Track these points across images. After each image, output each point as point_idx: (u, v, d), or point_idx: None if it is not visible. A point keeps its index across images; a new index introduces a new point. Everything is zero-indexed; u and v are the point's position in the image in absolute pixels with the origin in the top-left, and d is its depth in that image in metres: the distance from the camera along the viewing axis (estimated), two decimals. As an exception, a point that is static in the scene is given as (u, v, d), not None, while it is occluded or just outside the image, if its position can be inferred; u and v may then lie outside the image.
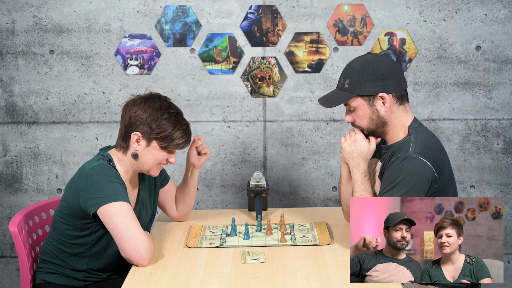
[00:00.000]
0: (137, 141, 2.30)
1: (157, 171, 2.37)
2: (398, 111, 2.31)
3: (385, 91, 2.27)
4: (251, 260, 2.20)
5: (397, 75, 2.29)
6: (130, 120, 2.30)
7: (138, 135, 2.29)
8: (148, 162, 2.33)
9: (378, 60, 2.28)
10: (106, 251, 2.35)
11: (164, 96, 2.36)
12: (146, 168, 2.35)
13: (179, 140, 2.32)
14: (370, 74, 2.27)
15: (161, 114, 2.29)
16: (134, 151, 2.31)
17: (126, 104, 2.34)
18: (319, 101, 2.39)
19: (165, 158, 2.34)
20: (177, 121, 2.31)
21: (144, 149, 2.31)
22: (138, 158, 2.32)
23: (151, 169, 2.36)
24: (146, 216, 2.48)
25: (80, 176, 2.25)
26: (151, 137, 2.29)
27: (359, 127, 2.36)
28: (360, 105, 2.30)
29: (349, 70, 2.32)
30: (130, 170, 2.36)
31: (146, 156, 2.32)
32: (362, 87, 2.27)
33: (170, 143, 2.31)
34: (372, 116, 2.31)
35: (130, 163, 2.35)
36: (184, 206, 2.65)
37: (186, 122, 2.35)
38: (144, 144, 2.30)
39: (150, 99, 2.32)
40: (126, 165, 2.35)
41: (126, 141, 2.33)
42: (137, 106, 2.30)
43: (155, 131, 2.28)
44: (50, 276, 2.38)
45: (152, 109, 2.29)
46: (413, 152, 2.22)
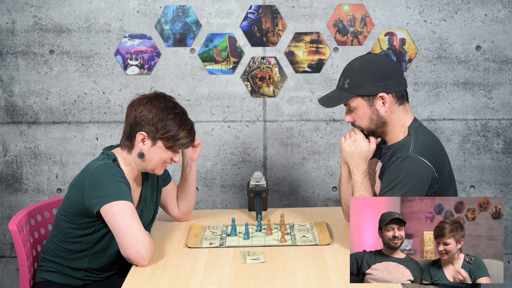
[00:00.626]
0: (142, 140, 2.31)
1: (161, 169, 2.39)
2: (398, 111, 2.31)
3: (385, 91, 2.27)
4: (251, 260, 2.20)
5: (397, 75, 2.29)
6: (135, 119, 2.30)
7: (144, 135, 2.30)
8: (153, 161, 2.34)
9: (378, 60, 2.28)
10: (107, 250, 2.36)
11: (169, 96, 2.37)
12: (151, 167, 2.36)
13: (184, 140, 2.33)
14: (370, 74, 2.27)
15: (167, 114, 2.29)
16: (140, 151, 2.32)
17: (131, 104, 2.35)
18: (319, 101, 2.39)
19: (169, 157, 2.36)
20: (182, 121, 2.32)
21: (149, 149, 2.32)
22: (144, 158, 2.33)
23: (156, 168, 2.37)
24: (148, 215, 2.49)
25: (85, 175, 2.26)
26: (156, 137, 2.30)
27: (359, 127, 2.36)
28: (360, 105, 2.30)
29: (349, 70, 2.32)
30: (135, 169, 2.37)
31: (151, 155, 2.33)
32: (362, 87, 2.27)
33: (175, 143, 2.32)
34: (372, 116, 2.31)
35: (135, 162, 2.36)
36: (186, 205, 2.65)
37: (190, 121, 2.36)
38: (149, 143, 2.31)
39: (156, 98, 2.33)
40: (131, 164, 2.36)
41: (131, 141, 2.34)
42: (143, 105, 2.31)
43: (161, 131, 2.29)
44: (50, 275, 2.38)
45: (157, 109, 2.30)
46: (413, 152, 2.22)
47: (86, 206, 2.24)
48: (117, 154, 2.36)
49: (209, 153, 3.39)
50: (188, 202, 2.65)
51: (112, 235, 2.30)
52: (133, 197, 2.39)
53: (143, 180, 2.49)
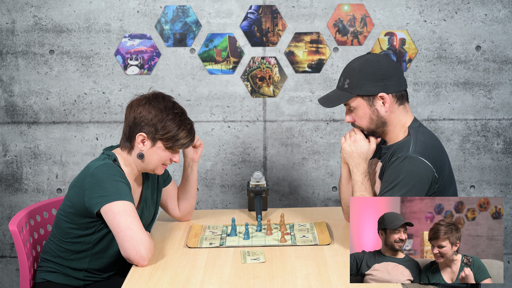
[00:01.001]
0: (142, 141, 2.31)
1: (162, 169, 2.39)
2: (398, 111, 2.32)
3: (385, 91, 2.27)
4: (251, 260, 2.20)
5: (397, 75, 2.29)
6: (134, 120, 2.30)
7: (144, 136, 2.30)
8: (153, 162, 2.35)
9: (378, 60, 2.28)
10: (108, 250, 2.36)
11: (168, 96, 2.37)
12: (151, 168, 2.37)
13: (184, 140, 2.33)
14: (370, 74, 2.27)
15: (166, 115, 2.29)
16: (140, 152, 2.32)
17: (130, 104, 2.35)
18: (319, 101, 2.39)
19: (169, 157, 2.35)
20: (182, 121, 2.32)
21: (149, 149, 2.32)
22: (144, 159, 2.33)
23: (156, 168, 2.37)
24: (148, 215, 2.49)
25: (85, 175, 2.26)
26: (156, 138, 2.30)
27: (359, 127, 2.36)
28: (360, 105, 2.30)
29: (349, 70, 2.32)
30: (135, 169, 2.38)
31: (151, 156, 2.33)
32: (362, 87, 2.27)
33: (175, 143, 2.32)
34: (372, 116, 2.31)
35: (135, 162, 2.36)
36: (187, 205, 2.65)
37: (190, 121, 2.36)
38: (149, 144, 2.31)
39: (154, 99, 2.33)
40: (131, 165, 2.36)
41: (130, 142, 2.33)
42: (142, 106, 2.31)
43: (160, 131, 2.29)
44: (50, 275, 2.38)
45: (157, 110, 2.30)
46: (413, 152, 2.22)
47: (86, 206, 2.24)
48: (117, 155, 2.36)
49: (209, 153, 3.39)
50: (189, 202, 2.65)
51: (112, 235, 2.30)
52: (133, 197, 2.39)
53: (143, 180, 2.49)
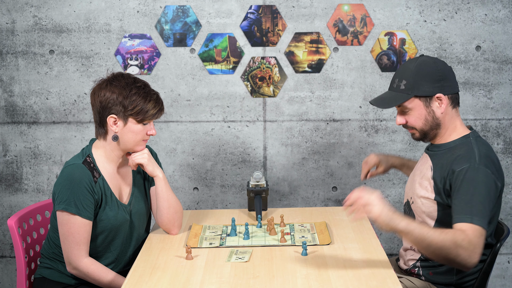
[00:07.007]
0: (114, 123, 2.33)
1: (142, 145, 2.40)
2: (451, 114, 2.29)
3: (442, 92, 2.26)
4: (236, 259, 2.20)
5: (452, 77, 2.29)
6: (101, 104, 2.32)
7: (114, 117, 2.32)
8: (131, 140, 2.35)
9: (434, 62, 2.28)
10: (99, 252, 2.37)
11: (127, 73, 2.39)
12: (130, 146, 2.37)
13: (153, 111, 2.34)
14: (428, 75, 2.25)
15: (130, 90, 2.31)
16: (114, 134, 2.33)
17: (93, 91, 2.36)
18: (372, 102, 2.37)
19: (145, 132, 2.36)
20: (146, 93, 2.34)
21: (122, 129, 2.33)
22: (119, 140, 2.34)
23: (136, 145, 2.38)
24: (140, 210, 2.46)
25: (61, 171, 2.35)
26: (126, 115, 2.31)
27: (412, 128, 2.33)
28: (416, 106, 2.28)
29: (404, 71, 2.30)
30: (113, 155, 2.38)
31: (126, 135, 2.34)
32: (420, 88, 2.26)
33: (145, 115, 2.33)
34: (427, 117, 2.28)
35: (112, 147, 2.37)
36: (164, 219, 2.48)
37: (155, 92, 2.38)
38: (121, 124, 2.33)
39: (115, 79, 2.35)
40: (108, 152, 2.37)
41: (104, 127, 2.35)
42: (104, 89, 2.33)
43: (129, 108, 2.31)
44: (46, 271, 2.42)
45: (119, 88, 2.31)
46: (481, 164, 2.17)
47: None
48: (95, 148, 2.38)
49: (209, 153, 3.39)
50: (167, 217, 2.47)
51: (104, 236, 2.35)
52: (124, 183, 2.42)
53: (134, 175, 2.48)
